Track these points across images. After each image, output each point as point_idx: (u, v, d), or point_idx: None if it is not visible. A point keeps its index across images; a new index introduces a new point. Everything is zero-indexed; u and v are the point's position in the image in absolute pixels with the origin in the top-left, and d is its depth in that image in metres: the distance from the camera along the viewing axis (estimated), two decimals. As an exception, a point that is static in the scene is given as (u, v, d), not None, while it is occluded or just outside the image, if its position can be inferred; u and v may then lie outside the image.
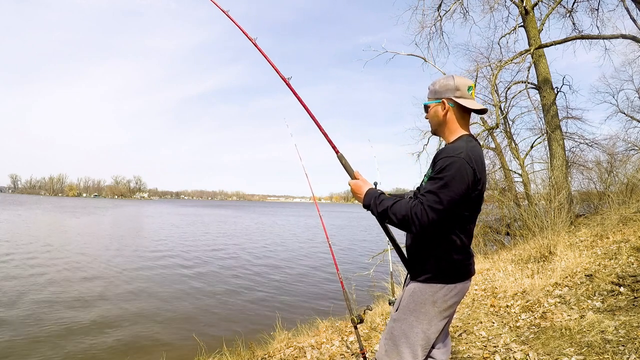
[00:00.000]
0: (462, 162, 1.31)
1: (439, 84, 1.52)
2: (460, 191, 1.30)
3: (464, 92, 1.47)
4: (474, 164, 1.34)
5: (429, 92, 1.57)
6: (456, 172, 1.29)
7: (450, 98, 1.48)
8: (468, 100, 1.48)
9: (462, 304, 4.55)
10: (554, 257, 5.21)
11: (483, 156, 1.44)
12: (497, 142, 10.54)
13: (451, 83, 1.48)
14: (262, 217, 45.96)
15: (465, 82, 1.49)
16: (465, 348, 3.18)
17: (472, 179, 1.32)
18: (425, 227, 1.31)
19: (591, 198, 9.69)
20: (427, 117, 1.60)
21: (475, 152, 1.39)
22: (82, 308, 7.08)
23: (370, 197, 1.50)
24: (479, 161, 1.38)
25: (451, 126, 1.50)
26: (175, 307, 7.50)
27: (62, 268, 10.55)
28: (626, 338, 2.54)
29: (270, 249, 16.50)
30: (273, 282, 9.87)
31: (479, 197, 1.41)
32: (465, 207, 1.37)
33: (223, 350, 4.13)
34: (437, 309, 1.45)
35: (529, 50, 8.80)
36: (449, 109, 1.48)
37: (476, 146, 1.44)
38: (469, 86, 1.49)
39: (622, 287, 3.51)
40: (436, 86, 1.53)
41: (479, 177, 1.35)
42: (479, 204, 1.44)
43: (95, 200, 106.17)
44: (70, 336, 5.72)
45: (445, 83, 1.50)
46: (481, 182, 1.37)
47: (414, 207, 1.32)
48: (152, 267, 11.43)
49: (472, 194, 1.35)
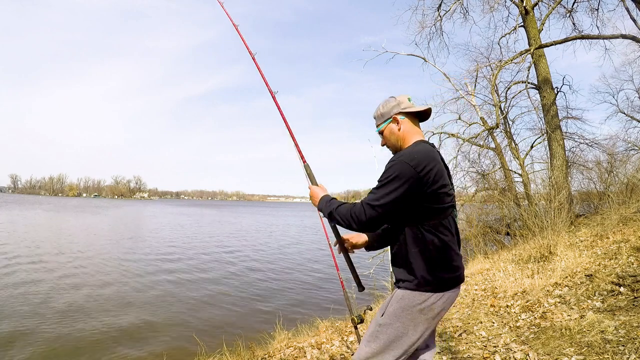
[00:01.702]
0: (400, 163, 1.40)
1: (383, 107, 1.65)
2: (398, 189, 1.38)
3: (407, 103, 1.60)
4: (418, 162, 1.39)
5: (377, 120, 1.68)
6: (393, 173, 1.39)
7: (399, 112, 1.60)
8: (414, 107, 1.60)
9: (462, 304, 4.55)
10: (554, 257, 5.21)
11: (436, 155, 1.50)
12: (497, 142, 10.54)
13: (393, 102, 1.62)
14: (263, 217, 45.97)
15: (404, 96, 1.63)
16: (465, 348, 3.18)
17: (413, 176, 1.38)
18: (365, 224, 1.44)
19: (591, 198, 9.68)
20: (383, 142, 1.69)
21: (425, 152, 1.45)
22: (80, 306, 7.09)
23: (323, 201, 1.66)
24: (428, 160, 1.42)
25: (407, 137, 1.59)
26: (175, 307, 7.50)
27: (69, 268, 10.55)
28: (626, 338, 2.54)
29: (270, 249, 16.51)
30: (273, 282, 9.87)
31: (438, 193, 1.43)
32: (419, 202, 1.42)
33: (223, 350, 4.13)
34: (424, 316, 1.47)
35: (529, 50, 8.80)
36: (402, 122, 1.59)
37: (426, 147, 1.51)
38: (408, 97, 1.63)
39: (622, 287, 3.51)
40: (381, 111, 1.65)
41: (424, 174, 1.39)
42: (440, 200, 1.44)
43: (95, 200, 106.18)
44: (70, 335, 5.72)
45: (388, 104, 1.63)
46: (432, 179, 1.40)
47: (354, 207, 1.47)
48: (152, 267, 11.43)
49: (423, 190, 1.40)
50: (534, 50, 8.83)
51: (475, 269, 6.52)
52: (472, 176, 11.40)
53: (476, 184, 11.40)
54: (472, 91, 10.92)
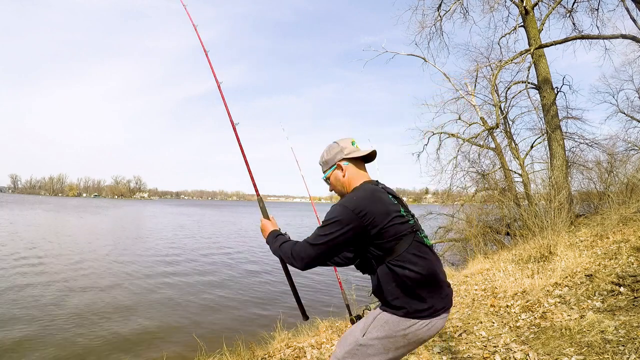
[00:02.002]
0: (341, 207, 1.45)
1: (327, 154, 1.67)
2: (336, 232, 1.42)
3: (351, 148, 1.64)
4: (357, 205, 1.43)
5: (322, 167, 1.71)
6: (334, 216, 1.44)
7: (343, 158, 1.63)
8: (357, 151, 1.63)
9: (462, 304, 4.55)
10: (554, 257, 5.21)
11: (379, 194, 1.52)
12: (497, 142, 10.54)
13: (336, 148, 1.65)
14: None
15: (347, 140, 1.66)
16: (465, 348, 3.18)
17: (353, 220, 1.42)
18: (305, 262, 1.50)
19: (591, 198, 9.68)
20: (331, 188, 1.72)
21: (365, 195, 1.49)
22: (80, 306, 7.09)
23: (270, 236, 1.75)
24: (367, 202, 1.45)
25: (352, 182, 1.62)
26: (175, 307, 7.50)
27: (69, 272, 10.55)
28: (626, 338, 2.54)
29: (269, 249, 16.48)
30: (273, 282, 9.87)
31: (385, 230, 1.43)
32: (369, 242, 1.46)
33: (223, 350, 4.13)
34: (407, 340, 1.47)
35: (529, 50, 8.80)
36: (346, 168, 1.62)
37: (368, 190, 1.53)
38: (352, 141, 1.66)
39: (622, 287, 3.51)
40: (325, 157, 1.68)
41: (363, 216, 1.42)
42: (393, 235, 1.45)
43: (95, 200, 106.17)
44: (70, 335, 5.72)
45: (332, 151, 1.66)
46: (373, 220, 1.42)
47: (295, 245, 1.54)
48: (152, 268, 11.43)
49: (366, 232, 1.43)
50: (534, 50, 8.83)
51: (475, 269, 6.52)
52: (472, 176, 11.41)
53: (476, 184, 11.40)
54: (472, 91, 10.93)
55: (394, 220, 1.45)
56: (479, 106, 10.96)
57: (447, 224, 11.59)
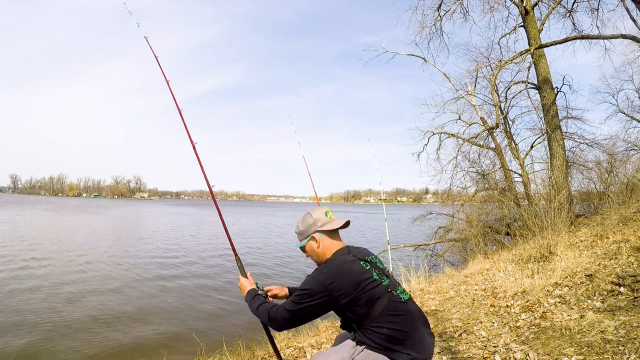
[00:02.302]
0: (313, 279, 1.56)
1: (302, 225, 1.76)
2: (309, 302, 1.53)
3: (324, 219, 1.72)
4: (328, 277, 1.53)
5: (298, 236, 1.80)
6: (307, 288, 1.55)
7: (316, 230, 1.71)
8: (330, 223, 1.72)
9: (462, 304, 4.55)
10: (554, 257, 5.21)
11: (350, 264, 1.59)
12: (497, 142, 10.54)
13: (310, 220, 1.73)
14: (263, 217, 45.95)
15: (320, 211, 1.75)
16: (465, 348, 3.18)
17: (324, 291, 1.52)
18: (280, 325, 1.63)
19: (591, 198, 9.68)
20: (307, 255, 1.81)
21: (336, 267, 1.58)
22: (81, 306, 7.09)
23: (249, 296, 1.84)
24: (338, 273, 1.55)
25: (326, 252, 1.70)
26: (175, 307, 7.50)
27: (70, 274, 10.56)
28: (626, 338, 2.54)
29: (269, 249, 16.50)
30: (273, 282, 9.86)
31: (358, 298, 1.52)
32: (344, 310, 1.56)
33: (223, 350, 4.13)
34: None
35: (529, 50, 8.80)
36: (320, 239, 1.71)
37: (340, 261, 1.62)
38: (325, 212, 1.75)
39: (622, 287, 3.51)
40: (300, 228, 1.77)
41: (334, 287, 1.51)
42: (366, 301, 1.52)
43: (96, 200, 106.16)
44: (70, 335, 5.72)
45: (305, 222, 1.75)
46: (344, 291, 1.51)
47: (272, 308, 1.66)
48: (152, 268, 11.44)
49: (338, 301, 1.52)
50: (534, 50, 8.83)
51: (475, 269, 6.52)
52: (472, 176, 11.42)
53: (476, 184, 11.40)
54: (472, 91, 10.93)
55: (365, 287, 1.53)
56: (479, 106, 10.97)
57: (447, 224, 11.59)
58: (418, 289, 6.09)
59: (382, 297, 1.54)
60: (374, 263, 1.66)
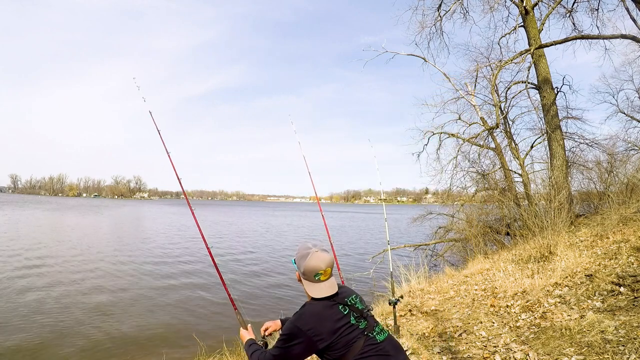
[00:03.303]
0: (292, 326, 1.64)
1: (298, 255, 1.76)
2: (290, 347, 1.63)
3: (310, 279, 1.70)
4: (305, 323, 1.62)
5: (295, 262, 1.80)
6: (288, 334, 1.64)
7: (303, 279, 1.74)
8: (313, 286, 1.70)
9: (462, 304, 4.55)
10: (554, 257, 5.21)
11: (328, 311, 1.66)
12: (497, 142, 10.54)
13: (302, 264, 1.71)
14: (264, 217, 45.96)
15: (314, 268, 1.68)
16: (465, 348, 3.18)
17: (301, 336, 1.61)
18: None
19: (591, 198, 9.68)
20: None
21: (313, 313, 1.65)
22: (81, 306, 7.09)
23: (246, 345, 1.97)
24: (315, 320, 1.63)
25: (308, 294, 1.73)
26: (175, 307, 7.50)
27: (70, 273, 10.56)
28: (626, 338, 2.54)
29: (269, 249, 16.50)
30: (273, 282, 9.87)
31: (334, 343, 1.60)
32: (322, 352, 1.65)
33: (223, 350, 4.14)
34: None
35: (529, 50, 8.80)
36: (306, 283, 1.73)
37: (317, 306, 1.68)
38: (315, 274, 1.68)
39: (622, 287, 3.51)
40: (297, 259, 1.76)
41: (312, 334, 1.60)
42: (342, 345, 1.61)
43: (96, 200, 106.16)
44: (69, 334, 5.72)
45: (299, 261, 1.73)
46: (321, 336, 1.60)
47: (261, 355, 1.77)
48: (153, 268, 11.44)
49: (316, 346, 1.61)
50: (534, 50, 8.83)
51: (475, 269, 6.52)
52: (472, 176, 11.41)
53: (476, 184, 11.40)
54: (472, 91, 10.93)
55: (342, 333, 1.61)
56: (479, 106, 10.97)
57: (447, 224, 11.60)
58: (418, 289, 6.08)
59: (358, 340, 1.62)
60: (352, 305, 1.70)
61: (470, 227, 9.88)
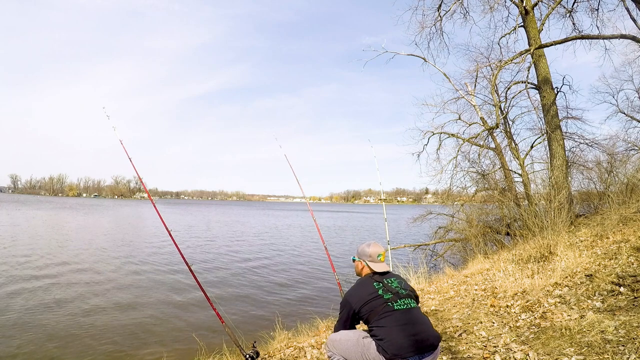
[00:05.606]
0: (343, 299, 2.34)
1: (361, 249, 2.48)
2: (344, 315, 2.32)
3: (374, 258, 2.41)
4: (350, 295, 2.30)
5: (356, 252, 2.53)
6: (342, 306, 2.34)
7: (364, 261, 2.45)
8: (375, 264, 2.41)
9: (462, 304, 4.55)
10: (554, 257, 5.21)
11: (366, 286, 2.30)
12: (497, 142, 10.54)
13: (367, 250, 2.44)
14: (264, 217, 45.96)
15: (377, 251, 2.42)
16: (465, 348, 3.18)
17: (347, 305, 2.29)
18: (334, 329, 2.41)
19: (591, 198, 9.68)
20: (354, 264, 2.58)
21: (357, 286, 2.33)
22: (81, 306, 7.09)
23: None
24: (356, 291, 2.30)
25: (362, 272, 2.48)
26: (175, 307, 7.50)
27: (70, 273, 10.56)
28: (626, 338, 2.54)
29: (269, 249, 16.51)
30: (273, 282, 9.87)
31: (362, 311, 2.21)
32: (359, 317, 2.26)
33: (223, 350, 4.14)
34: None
35: (529, 50, 8.80)
36: (364, 266, 2.45)
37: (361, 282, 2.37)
38: (379, 254, 2.42)
39: (622, 287, 3.51)
40: (359, 250, 2.49)
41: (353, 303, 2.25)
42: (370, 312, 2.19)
43: (96, 200, 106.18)
44: (68, 334, 5.72)
45: (362, 250, 2.47)
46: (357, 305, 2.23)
47: (336, 323, 2.41)
48: (152, 267, 11.44)
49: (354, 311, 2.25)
50: (534, 50, 8.83)
51: (475, 269, 6.52)
52: (472, 176, 11.42)
53: (476, 184, 11.41)
54: (472, 91, 10.93)
55: (368, 301, 2.21)
56: (479, 106, 10.97)
57: (447, 224, 11.60)
58: (418, 289, 6.08)
59: (379, 307, 2.18)
60: (386, 284, 2.28)
61: (470, 227, 9.88)
